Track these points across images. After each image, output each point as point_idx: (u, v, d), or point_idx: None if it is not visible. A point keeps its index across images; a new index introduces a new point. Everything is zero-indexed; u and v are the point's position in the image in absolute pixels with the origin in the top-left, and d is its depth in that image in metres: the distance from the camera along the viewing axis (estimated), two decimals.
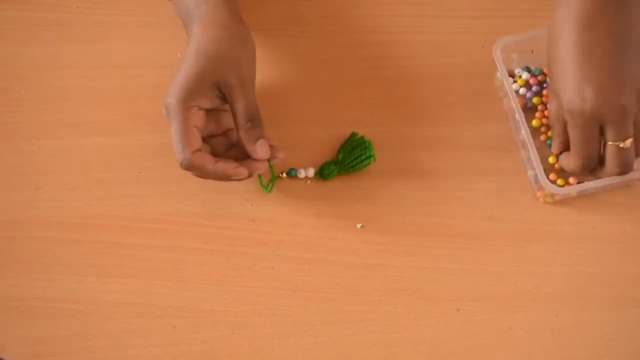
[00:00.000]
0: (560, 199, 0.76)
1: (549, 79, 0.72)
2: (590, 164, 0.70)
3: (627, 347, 0.71)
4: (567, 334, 0.72)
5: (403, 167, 0.77)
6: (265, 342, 0.72)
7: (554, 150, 0.74)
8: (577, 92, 0.67)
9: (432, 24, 0.83)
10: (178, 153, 0.69)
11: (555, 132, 0.73)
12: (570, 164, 0.71)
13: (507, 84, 0.76)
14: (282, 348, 0.72)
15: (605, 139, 0.69)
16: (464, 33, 0.82)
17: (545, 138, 0.77)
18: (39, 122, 0.79)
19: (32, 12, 0.83)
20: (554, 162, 0.76)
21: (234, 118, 0.71)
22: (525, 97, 0.79)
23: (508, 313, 0.72)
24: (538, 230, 0.75)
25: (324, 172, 0.76)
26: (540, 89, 0.79)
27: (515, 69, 0.80)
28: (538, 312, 0.72)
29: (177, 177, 0.75)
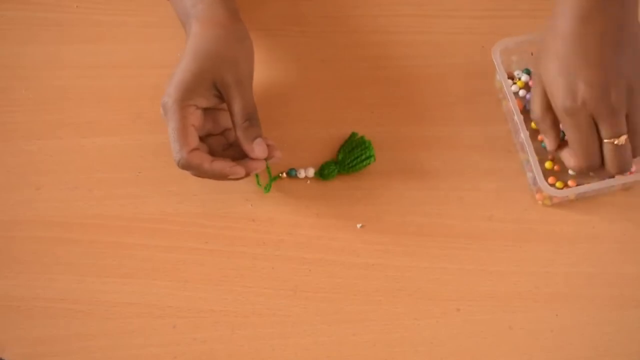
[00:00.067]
0: (559, 202, 0.76)
1: (537, 70, 0.71)
2: (594, 163, 0.70)
3: (627, 347, 0.71)
4: (567, 334, 0.72)
5: (403, 167, 0.77)
6: (265, 342, 0.72)
7: (549, 148, 0.73)
8: (568, 87, 0.68)
9: (432, 24, 0.83)
10: (175, 152, 0.69)
11: (544, 128, 0.72)
12: (572, 163, 0.71)
13: (506, 87, 0.76)
14: (282, 348, 0.71)
15: (602, 138, 0.69)
16: (464, 33, 0.82)
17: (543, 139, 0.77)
18: (39, 122, 0.79)
19: (32, 12, 0.83)
20: (551, 167, 0.76)
21: (232, 117, 0.71)
22: (525, 99, 0.79)
23: (508, 313, 0.72)
24: (538, 230, 0.75)
25: (324, 172, 0.76)
26: None
27: (515, 71, 0.80)
28: (538, 312, 0.72)
29: (177, 177, 0.75)
